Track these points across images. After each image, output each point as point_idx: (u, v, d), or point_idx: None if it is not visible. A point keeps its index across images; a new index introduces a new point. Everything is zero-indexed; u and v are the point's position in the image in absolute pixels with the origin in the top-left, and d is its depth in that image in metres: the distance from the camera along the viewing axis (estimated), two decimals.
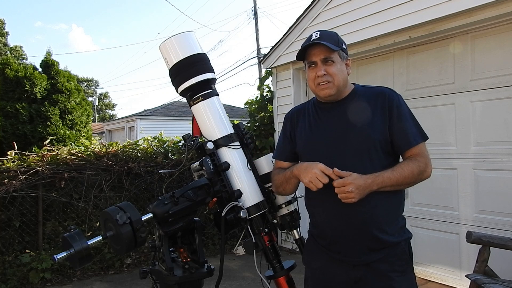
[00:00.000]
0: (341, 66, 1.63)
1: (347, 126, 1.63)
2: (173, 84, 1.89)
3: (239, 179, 1.79)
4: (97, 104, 37.93)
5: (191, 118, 1.93)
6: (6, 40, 25.41)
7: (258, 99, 5.92)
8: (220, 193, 1.74)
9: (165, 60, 1.87)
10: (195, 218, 1.74)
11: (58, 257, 1.39)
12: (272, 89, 5.65)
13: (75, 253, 1.38)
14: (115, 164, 4.95)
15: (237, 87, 69.23)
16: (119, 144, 5.54)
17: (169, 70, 1.86)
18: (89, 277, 4.59)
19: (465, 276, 2.87)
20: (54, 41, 77.18)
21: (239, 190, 1.76)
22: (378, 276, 1.58)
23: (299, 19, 4.79)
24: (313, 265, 1.73)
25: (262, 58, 5.96)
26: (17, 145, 4.98)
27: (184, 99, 1.93)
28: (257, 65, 16.82)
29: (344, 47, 1.67)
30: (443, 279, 3.86)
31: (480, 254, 2.83)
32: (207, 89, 1.84)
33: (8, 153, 4.66)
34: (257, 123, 5.76)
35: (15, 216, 4.49)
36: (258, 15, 18.18)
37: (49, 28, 77.01)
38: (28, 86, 9.83)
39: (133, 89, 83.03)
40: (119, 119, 21.80)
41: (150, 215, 1.55)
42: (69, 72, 11.32)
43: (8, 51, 23.79)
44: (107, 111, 44.00)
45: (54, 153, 4.83)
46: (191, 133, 1.91)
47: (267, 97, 5.77)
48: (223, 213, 1.70)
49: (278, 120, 5.43)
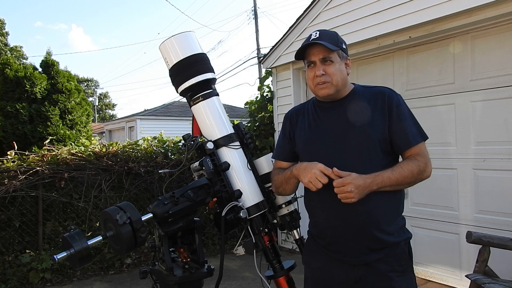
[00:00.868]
0: (340, 66, 1.63)
1: (346, 126, 1.62)
2: (173, 84, 1.89)
3: (239, 179, 1.79)
4: (97, 104, 37.93)
5: (191, 118, 1.93)
6: (7, 40, 25.44)
7: (258, 99, 5.92)
8: (220, 193, 1.74)
9: (165, 60, 1.87)
10: (195, 218, 1.73)
11: (58, 257, 1.39)
12: (272, 89, 5.65)
13: (75, 253, 1.38)
14: (115, 164, 4.96)
15: (237, 87, 69.34)
16: (119, 144, 5.54)
17: (169, 70, 1.86)
18: (89, 277, 4.59)
19: (465, 276, 2.87)
20: (54, 41, 77.43)
21: (239, 190, 1.76)
22: (378, 276, 1.58)
23: (299, 19, 4.80)
24: (313, 265, 1.73)
25: (262, 58, 5.95)
26: (17, 145, 4.98)
27: (184, 99, 1.93)
28: (257, 65, 16.85)
29: (344, 47, 1.67)
30: (443, 279, 3.86)
31: (480, 254, 2.83)
32: (207, 89, 1.84)
33: (8, 153, 4.66)
34: (257, 123, 5.76)
35: (15, 216, 4.49)
36: (258, 15, 18.23)
37: (48, 28, 77.19)
38: (28, 86, 9.84)
39: (133, 89, 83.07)
40: (119, 119, 21.80)
41: (150, 215, 1.55)
42: (69, 72, 11.35)
43: (8, 51, 23.80)
44: (107, 111, 44.00)
45: (54, 153, 4.83)
46: (191, 133, 1.91)
47: (267, 97, 5.78)
48: (223, 213, 1.70)
49: (278, 120, 5.43)
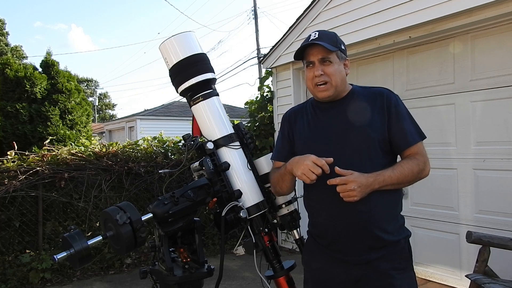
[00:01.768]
0: (339, 66, 1.63)
1: (346, 126, 1.63)
2: (173, 84, 1.89)
3: (239, 179, 1.79)
4: (97, 104, 37.93)
5: (191, 118, 1.93)
6: (7, 40, 25.46)
7: (258, 99, 5.92)
8: (220, 193, 1.74)
9: (165, 60, 1.87)
10: (195, 218, 1.73)
11: (58, 257, 1.39)
12: (272, 89, 5.65)
13: (75, 253, 1.38)
14: (115, 164, 4.95)
15: (237, 87, 69.33)
16: (119, 144, 5.53)
17: (169, 70, 1.86)
18: (89, 277, 4.59)
19: (465, 276, 2.87)
20: (54, 41, 77.39)
21: (239, 190, 1.76)
22: (378, 274, 1.58)
23: (299, 19, 4.79)
24: (313, 265, 1.73)
25: (262, 58, 5.95)
26: (17, 145, 4.98)
27: (184, 99, 1.93)
28: (257, 65, 16.84)
29: (343, 47, 1.68)
30: (443, 279, 3.86)
31: (480, 254, 2.83)
32: (207, 89, 1.84)
33: (8, 153, 4.66)
34: (257, 123, 5.76)
35: (15, 216, 4.49)
36: (258, 15, 18.22)
37: (48, 28, 77.15)
38: (28, 86, 9.83)
39: (133, 89, 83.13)
40: (119, 119, 21.79)
41: (150, 215, 1.55)
42: (69, 72, 11.33)
43: (9, 51, 23.81)
44: (107, 111, 43.99)
45: (54, 153, 4.83)
46: (191, 133, 1.91)
47: (267, 97, 5.77)
48: (223, 213, 1.70)
49: (278, 120, 5.43)
